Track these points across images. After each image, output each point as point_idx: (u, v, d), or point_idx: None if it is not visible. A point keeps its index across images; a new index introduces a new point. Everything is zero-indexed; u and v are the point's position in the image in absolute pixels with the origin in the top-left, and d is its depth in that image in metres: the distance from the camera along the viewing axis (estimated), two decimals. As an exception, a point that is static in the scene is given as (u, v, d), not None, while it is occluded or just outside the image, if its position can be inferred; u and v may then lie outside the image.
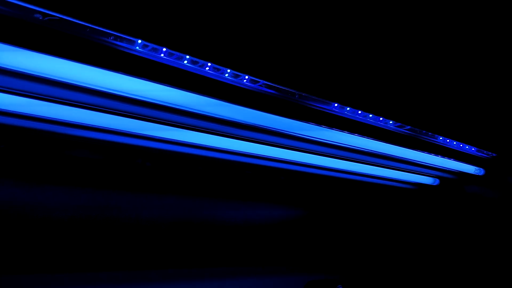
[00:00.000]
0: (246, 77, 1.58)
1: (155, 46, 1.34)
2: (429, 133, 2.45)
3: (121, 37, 1.30)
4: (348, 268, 3.66)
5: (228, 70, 1.54)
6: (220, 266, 2.86)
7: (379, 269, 3.77)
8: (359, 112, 2.00)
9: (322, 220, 3.63)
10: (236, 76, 1.61)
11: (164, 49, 1.38)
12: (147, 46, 1.34)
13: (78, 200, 2.32)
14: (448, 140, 2.65)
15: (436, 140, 2.62)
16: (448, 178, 3.40)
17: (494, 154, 2.95)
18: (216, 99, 1.76)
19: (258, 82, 1.66)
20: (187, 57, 1.45)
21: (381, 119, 2.12)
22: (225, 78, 1.63)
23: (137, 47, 1.35)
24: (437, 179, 3.49)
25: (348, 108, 1.95)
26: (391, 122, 2.19)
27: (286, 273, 3.20)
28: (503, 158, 3.06)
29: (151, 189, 2.69)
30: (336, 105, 1.89)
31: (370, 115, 2.07)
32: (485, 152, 2.91)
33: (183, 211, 2.75)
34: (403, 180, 3.42)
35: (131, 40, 1.32)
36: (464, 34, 2.08)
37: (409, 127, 2.28)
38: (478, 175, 3.29)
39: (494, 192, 3.32)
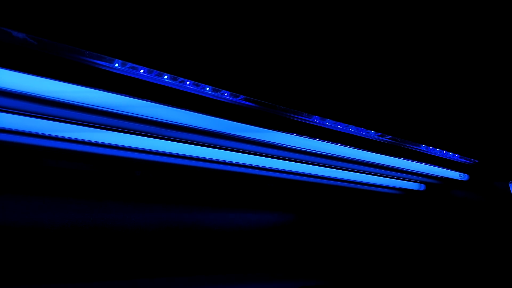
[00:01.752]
0: (226, 93, 1.63)
1: (133, 65, 1.39)
2: (411, 142, 2.50)
3: (101, 56, 1.35)
4: (338, 273, 3.71)
5: (207, 88, 1.59)
6: (210, 274, 2.90)
7: (369, 274, 3.82)
8: (339, 124, 2.05)
9: (312, 226, 3.67)
10: (216, 91, 1.66)
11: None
12: (125, 64, 1.39)
13: (66, 210, 2.36)
14: (431, 148, 2.71)
15: (419, 148, 2.68)
16: (434, 183, 3.46)
17: (476, 161, 3.01)
18: (199, 113, 1.83)
19: (238, 96, 1.71)
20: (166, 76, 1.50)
21: (361, 130, 2.17)
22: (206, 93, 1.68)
23: (116, 65, 1.40)
24: (422, 185, 3.55)
25: (327, 122, 2.00)
26: (372, 132, 2.24)
27: (277, 279, 3.23)
28: (486, 164, 3.12)
29: (140, 198, 2.73)
30: (315, 119, 1.94)
31: (350, 128, 2.12)
32: (467, 158, 2.97)
33: (172, 220, 2.79)
34: (390, 186, 3.48)
35: (110, 59, 1.37)
36: (442, 42, 2.12)
37: (390, 136, 2.33)
38: (462, 180, 3.35)
39: (479, 196, 3.38)
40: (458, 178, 3.28)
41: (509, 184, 3.21)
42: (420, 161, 2.88)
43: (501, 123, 2.80)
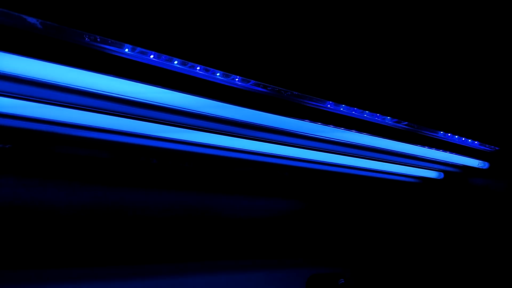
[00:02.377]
0: (237, 78, 1.62)
1: (143, 50, 1.38)
2: (429, 129, 2.44)
3: (111, 42, 1.35)
4: (351, 262, 3.69)
5: (218, 74, 1.58)
6: (222, 259, 2.92)
7: (383, 263, 3.79)
8: (354, 110, 2.01)
9: (326, 214, 3.65)
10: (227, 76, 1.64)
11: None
12: (135, 49, 1.38)
13: (81, 197, 2.40)
14: (449, 135, 2.64)
15: (437, 135, 2.61)
16: (453, 171, 3.38)
17: (497, 148, 2.93)
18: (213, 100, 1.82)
19: (249, 81, 1.69)
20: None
21: (377, 116, 2.12)
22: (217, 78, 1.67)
23: (126, 50, 1.40)
24: (441, 173, 3.47)
25: (342, 108, 1.96)
26: (388, 118, 2.19)
27: (290, 267, 3.24)
28: (507, 152, 3.03)
29: (156, 185, 2.76)
30: (329, 104, 1.91)
31: (365, 114, 2.07)
32: (487, 146, 2.89)
33: (185, 207, 2.82)
34: (407, 174, 3.42)
35: (120, 44, 1.36)
36: (461, 27, 2.06)
37: (406, 123, 2.28)
38: (482, 169, 3.26)
39: (500, 185, 3.29)
40: (477, 166, 3.20)
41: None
42: (438, 148, 2.81)
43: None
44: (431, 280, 3.52)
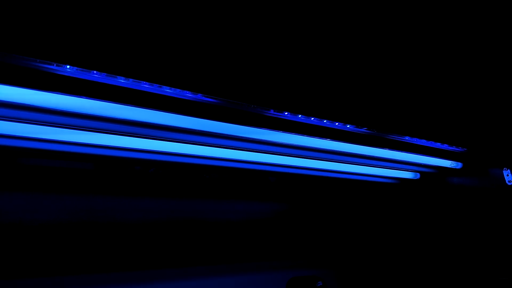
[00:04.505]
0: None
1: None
2: (392, 134, 2.55)
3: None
4: (332, 263, 3.79)
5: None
6: (204, 265, 3.03)
7: (364, 263, 3.89)
8: (312, 119, 2.14)
9: (306, 216, 3.77)
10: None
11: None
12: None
13: (65, 205, 2.55)
14: (415, 139, 2.75)
15: (403, 139, 2.72)
16: (428, 172, 3.49)
17: (464, 149, 3.03)
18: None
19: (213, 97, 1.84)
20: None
21: (336, 124, 2.24)
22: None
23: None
24: (417, 174, 3.58)
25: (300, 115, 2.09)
26: (348, 126, 2.31)
27: (269, 270, 3.34)
28: (475, 152, 3.13)
29: (141, 192, 2.91)
30: (286, 113, 2.04)
31: (325, 121, 2.20)
32: (456, 147, 2.99)
33: (165, 213, 2.95)
34: (384, 176, 3.53)
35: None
36: (424, 28, 2.02)
37: (365, 128, 2.39)
38: (456, 168, 3.37)
39: (474, 183, 3.38)
40: (450, 166, 3.30)
41: (503, 171, 3.21)
42: (408, 151, 2.92)
43: (488, 110, 2.81)
44: (412, 278, 3.61)
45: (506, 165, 3.23)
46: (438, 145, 2.92)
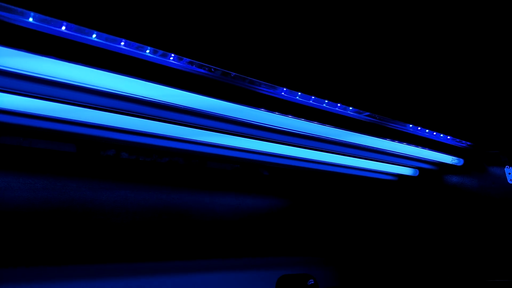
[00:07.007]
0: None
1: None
2: (396, 121, 2.36)
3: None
4: (326, 261, 3.61)
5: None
6: (195, 259, 2.83)
7: (358, 261, 3.71)
8: (312, 98, 1.92)
9: (302, 212, 3.57)
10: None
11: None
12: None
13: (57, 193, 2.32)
14: (419, 128, 2.56)
15: (405, 128, 2.53)
16: (428, 169, 3.31)
17: (470, 143, 2.85)
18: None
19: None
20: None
21: (338, 105, 2.04)
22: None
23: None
24: (417, 170, 3.40)
25: (297, 96, 1.87)
26: (350, 108, 2.11)
27: (260, 267, 3.14)
28: (480, 147, 2.96)
29: (131, 180, 2.68)
30: (284, 92, 1.82)
31: (326, 101, 1.98)
32: (461, 141, 2.81)
33: (155, 203, 2.72)
34: (383, 171, 3.34)
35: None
36: (432, 20, 1.97)
37: (368, 113, 2.19)
38: (457, 166, 3.19)
39: (475, 182, 3.22)
40: (451, 163, 3.12)
41: (505, 169, 3.05)
42: (410, 143, 2.73)
43: (498, 106, 2.63)
44: (409, 275, 3.45)
45: (509, 163, 3.07)
46: (442, 137, 2.73)
